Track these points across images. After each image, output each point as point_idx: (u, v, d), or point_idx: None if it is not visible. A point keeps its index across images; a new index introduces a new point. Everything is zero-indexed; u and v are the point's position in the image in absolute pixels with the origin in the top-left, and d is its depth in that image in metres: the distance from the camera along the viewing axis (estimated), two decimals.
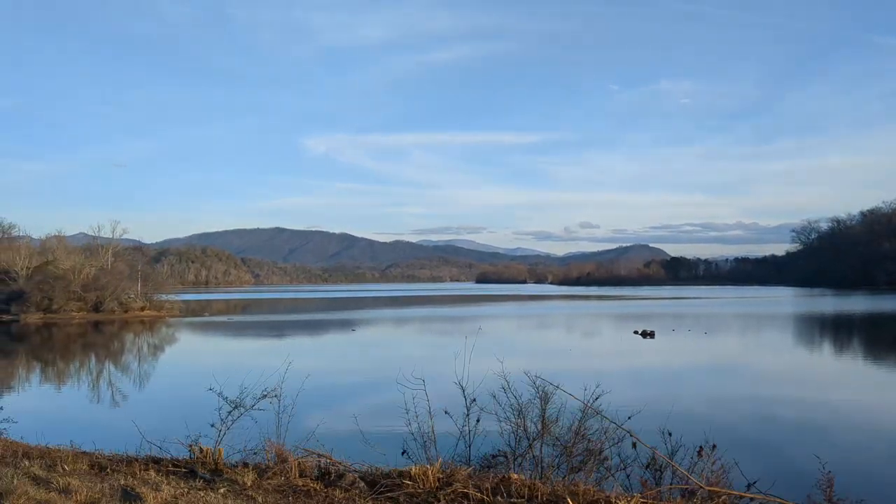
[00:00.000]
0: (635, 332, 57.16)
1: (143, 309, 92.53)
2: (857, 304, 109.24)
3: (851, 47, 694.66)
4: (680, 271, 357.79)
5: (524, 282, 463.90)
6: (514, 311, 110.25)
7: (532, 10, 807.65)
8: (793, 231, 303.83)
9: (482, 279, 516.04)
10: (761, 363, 42.13)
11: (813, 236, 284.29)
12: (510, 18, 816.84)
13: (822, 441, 20.26)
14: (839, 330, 66.99)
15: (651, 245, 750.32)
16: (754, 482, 9.20)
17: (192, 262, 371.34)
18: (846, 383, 34.46)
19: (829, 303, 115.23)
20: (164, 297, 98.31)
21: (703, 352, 47.74)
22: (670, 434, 10.10)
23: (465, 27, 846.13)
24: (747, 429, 22.70)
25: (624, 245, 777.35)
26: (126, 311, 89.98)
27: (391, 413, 11.75)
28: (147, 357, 52.56)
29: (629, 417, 10.26)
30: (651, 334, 54.43)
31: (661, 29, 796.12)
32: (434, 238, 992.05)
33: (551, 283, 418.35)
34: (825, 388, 32.56)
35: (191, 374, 38.51)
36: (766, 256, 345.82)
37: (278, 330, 73.34)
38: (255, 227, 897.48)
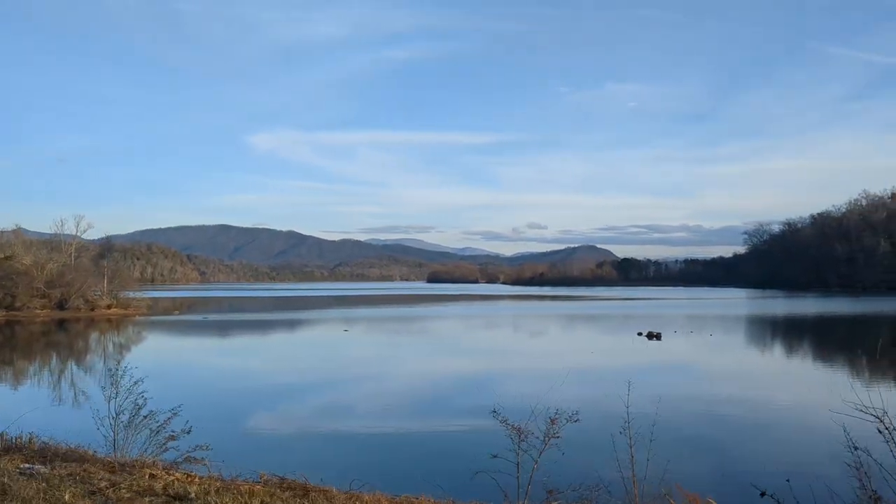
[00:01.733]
0: (639, 334, 56.12)
1: (110, 307, 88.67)
2: (836, 305, 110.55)
3: (795, 54, 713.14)
4: (631, 272, 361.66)
5: (476, 281, 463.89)
6: (491, 311, 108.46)
7: (483, 11, 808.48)
8: (745, 233, 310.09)
9: (433, 278, 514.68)
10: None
11: (764, 238, 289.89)
12: (462, 19, 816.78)
13: None
14: (844, 332, 66.97)
15: (598, 246, 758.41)
16: None
17: (138, 258, 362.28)
18: None
19: (793, 304, 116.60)
20: (130, 294, 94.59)
21: (749, 355, 47.51)
22: None
23: (416, 26, 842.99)
24: None
25: (572, 246, 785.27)
26: (93, 310, 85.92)
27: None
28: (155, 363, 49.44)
29: None
30: (658, 336, 53.47)
31: (610, 32, 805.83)
32: (382, 237, 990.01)
33: (503, 283, 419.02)
34: None
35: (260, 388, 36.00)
36: (714, 258, 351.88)
37: (275, 329, 70.71)
38: (200, 224, 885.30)
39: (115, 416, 12.09)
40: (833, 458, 9.21)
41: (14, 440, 12.53)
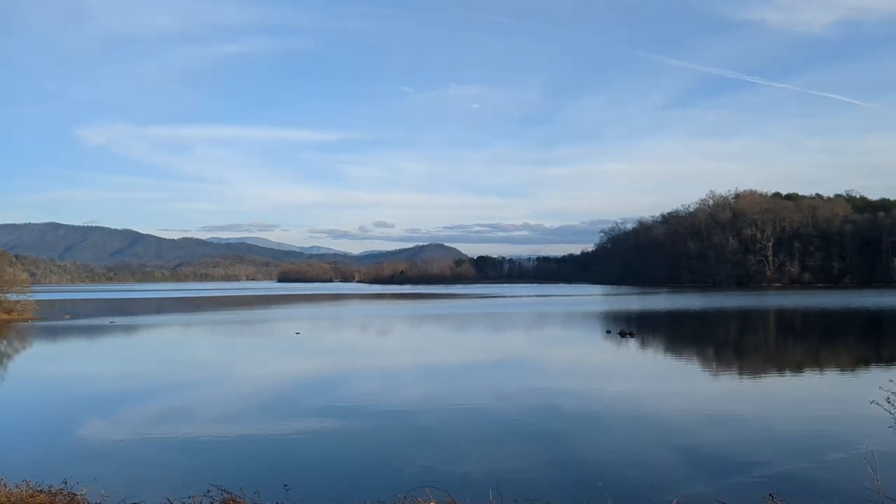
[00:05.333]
0: (608, 332, 55.95)
1: None
2: (765, 300, 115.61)
3: (624, 62, 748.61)
4: (487, 270, 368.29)
5: (330, 280, 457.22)
6: (385, 312, 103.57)
7: (324, 7, 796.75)
8: (601, 231, 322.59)
9: (284, 278, 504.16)
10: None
11: (616, 235, 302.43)
12: (303, 14, 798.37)
13: None
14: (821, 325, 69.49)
15: (446, 244, 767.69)
16: None
17: None
18: None
19: (678, 300, 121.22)
20: (14, 297, 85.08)
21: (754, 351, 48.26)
22: None
23: (256, 21, 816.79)
24: None
25: (420, 244, 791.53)
26: None
27: None
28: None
29: None
30: (631, 333, 53.46)
31: (453, 34, 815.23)
32: (224, 236, 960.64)
33: (359, 281, 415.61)
34: None
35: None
36: (565, 256, 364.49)
37: (211, 333, 65.07)
38: (27, 221, 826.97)
39: None
40: None
41: None
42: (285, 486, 12.46)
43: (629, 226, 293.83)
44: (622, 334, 53.61)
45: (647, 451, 19.36)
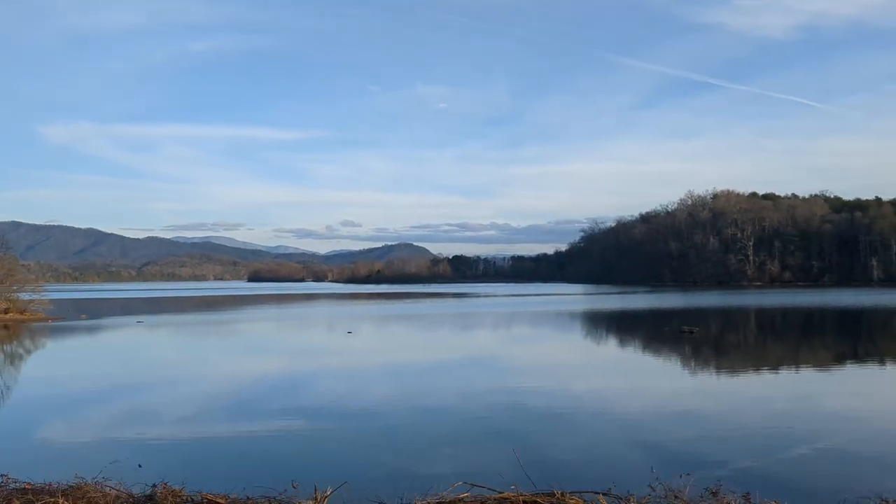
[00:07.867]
0: (666, 329, 56.13)
1: (7, 311, 77.53)
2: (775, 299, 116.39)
3: (589, 64, 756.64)
4: (464, 269, 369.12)
5: (302, 280, 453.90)
6: (390, 311, 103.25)
7: (292, 6, 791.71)
8: (581, 230, 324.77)
9: (255, 277, 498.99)
10: None
11: (594, 234, 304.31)
12: (270, 13, 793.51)
13: None
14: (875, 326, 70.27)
15: (415, 244, 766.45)
16: None
17: None
18: None
19: (670, 299, 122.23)
20: (27, 296, 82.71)
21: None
22: None
23: (222, 19, 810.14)
24: None
25: (388, 244, 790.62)
26: None
27: None
28: None
29: None
30: (690, 331, 53.54)
31: (419, 34, 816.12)
32: (189, 235, 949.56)
33: (333, 281, 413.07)
34: None
35: None
36: (539, 255, 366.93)
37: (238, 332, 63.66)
38: None
39: None
40: None
41: None
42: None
43: (609, 223, 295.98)
44: (681, 331, 53.60)
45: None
